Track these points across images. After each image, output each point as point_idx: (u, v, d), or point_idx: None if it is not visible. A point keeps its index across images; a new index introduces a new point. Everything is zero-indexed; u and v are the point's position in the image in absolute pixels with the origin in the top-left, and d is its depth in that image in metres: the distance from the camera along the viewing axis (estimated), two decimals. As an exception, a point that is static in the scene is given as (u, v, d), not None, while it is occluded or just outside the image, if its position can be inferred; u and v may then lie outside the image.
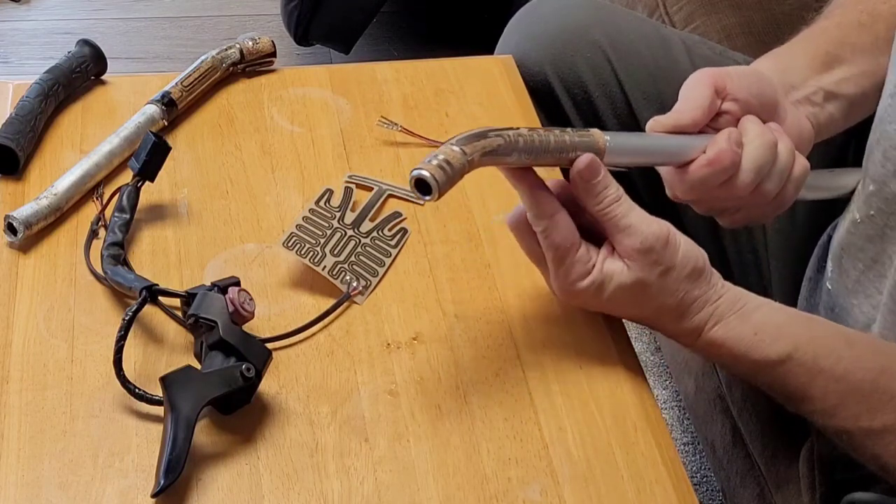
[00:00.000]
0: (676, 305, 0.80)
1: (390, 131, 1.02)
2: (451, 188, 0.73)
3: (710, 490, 1.53)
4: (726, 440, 1.26)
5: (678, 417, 1.62)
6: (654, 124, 0.86)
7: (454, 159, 0.73)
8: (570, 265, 0.79)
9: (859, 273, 0.90)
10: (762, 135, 0.84)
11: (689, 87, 0.87)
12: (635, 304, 0.81)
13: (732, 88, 0.86)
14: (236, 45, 1.07)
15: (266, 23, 2.28)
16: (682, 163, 0.84)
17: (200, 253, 0.91)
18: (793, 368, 0.79)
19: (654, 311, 0.81)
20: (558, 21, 1.12)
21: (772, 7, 1.44)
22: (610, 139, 0.80)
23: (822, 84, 0.90)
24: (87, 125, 1.01)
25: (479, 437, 0.79)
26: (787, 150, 0.85)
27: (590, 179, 0.78)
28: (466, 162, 0.73)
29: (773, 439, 1.13)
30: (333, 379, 0.82)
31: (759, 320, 0.80)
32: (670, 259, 0.78)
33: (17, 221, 0.89)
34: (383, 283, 0.89)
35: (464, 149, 0.73)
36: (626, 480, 0.77)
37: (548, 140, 0.77)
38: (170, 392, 0.75)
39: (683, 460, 1.35)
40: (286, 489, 0.75)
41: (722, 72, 0.87)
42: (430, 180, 0.72)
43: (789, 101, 0.89)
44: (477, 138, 0.74)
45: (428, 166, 0.72)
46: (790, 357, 0.79)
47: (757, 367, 0.80)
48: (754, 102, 0.86)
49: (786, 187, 0.86)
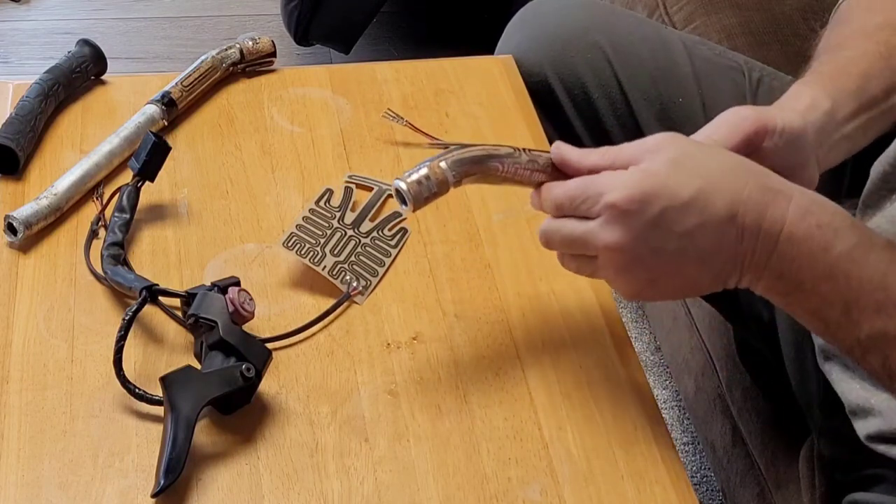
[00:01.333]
0: (739, 166, 0.72)
1: (391, 131, 1.02)
2: (429, 202, 0.75)
3: (710, 490, 1.53)
4: (726, 440, 1.27)
5: (678, 417, 1.62)
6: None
7: (436, 175, 0.74)
8: (601, 175, 0.72)
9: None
10: None
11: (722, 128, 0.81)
12: (698, 175, 0.70)
13: (768, 146, 0.81)
14: (236, 45, 1.07)
15: (266, 23, 2.27)
16: None
17: (200, 253, 0.91)
18: (871, 252, 0.71)
19: (723, 175, 0.71)
20: (558, 21, 1.13)
21: (772, 7, 1.44)
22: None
23: (845, 131, 0.87)
24: (87, 125, 1.01)
25: (479, 437, 0.79)
26: None
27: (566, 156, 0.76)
28: (451, 181, 0.74)
29: (773, 439, 1.13)
30: (333, 379, 0.82)
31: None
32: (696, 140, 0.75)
33: (17, 221, 0.89)
34: (383, 283, 0.90)
35: (451, 170, 0.74)
36: (626, 480, 0.77)
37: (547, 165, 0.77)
38: (170, 392, 0.75)
39: (683, 460, 1.35)
40: (286, 489, 0.75)
41: (765, 124, 0.81)
42: (406, 194, 0.74)
43: (816, 154, 0.85)
44: (472, 163, 0.75)
45: (406, 180, 0.74)
46: (893, 246, 0.71)
47: (859, 246, 0.70)
48: (778, 162, 0.81)
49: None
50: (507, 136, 1.02)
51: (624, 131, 1.10)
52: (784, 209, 0.70)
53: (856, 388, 0.87)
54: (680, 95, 1.10)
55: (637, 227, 0.71)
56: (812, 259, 0.71)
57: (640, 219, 0.70)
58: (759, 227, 0.71)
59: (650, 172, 0.71)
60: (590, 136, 1.11)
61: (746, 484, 1.19)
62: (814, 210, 0.71)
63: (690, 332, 1.38)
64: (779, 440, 1.11)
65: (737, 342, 1.17)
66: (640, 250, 0.72)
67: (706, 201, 0.70)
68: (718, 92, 1.09)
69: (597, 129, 1.11)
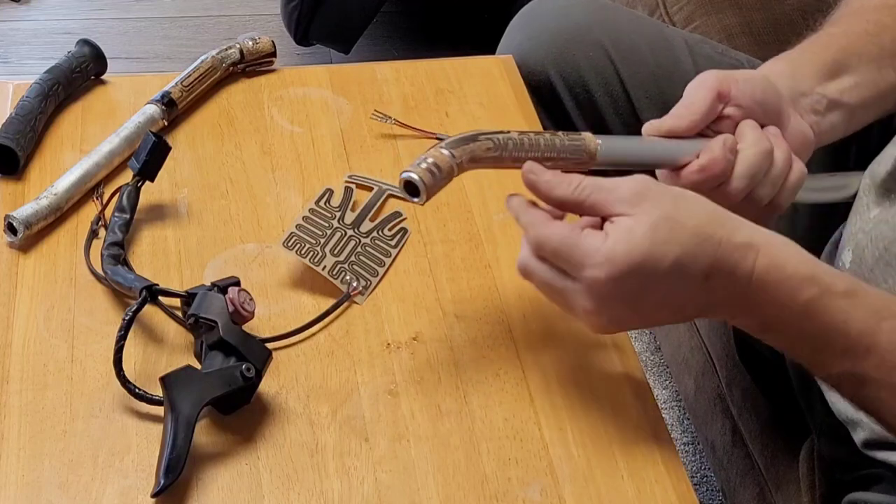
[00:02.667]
0: (713, 222, 0.72)
1: (391, 131, 1.02)
2: (439, 190, 0.75)
3: (710, 490, 1.53)
4: (726, 440, 1.26)
5: (678, 417, 1.62)
6: (649, 128, 0.85)
7: (442, 162, 0.74)
8: (580, 239, 0.71)
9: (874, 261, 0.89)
10: (758, 142, 0.83)
11: (692, 90, 0.86)
12: (675, 246, 0.71)
13: (736, 94, 0.85)
14: (236, 45, 1.07)
15: (266, 23, 2.27)
16: (676, 166, 0.83)
17: (200, 253, 0.91)
18: (859, 307, 0.72)
19: (697, 242, 0.71)
20: (560, 20, 1.13)
21: (772, 7, 1.44)
22: (601, 143, 0.80)
23: (826, 92, 0.89)
24: (87, 125, 1.01)
25: (479, 437, 0.79)
26: (783, 157, 0.84)
27: (536, 182, 0.74)
28: (455, 165, 0.75)
29: (773, 439, 1.13)
30: (333, 379, 0.82)
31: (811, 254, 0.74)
32: (671, 189, 0.74)
33: (17, 221, 0.89)
34: (383, 283, 0.89)
35: (452, 152, 0.75)
36: (626, 480, 0.77)
37: (537, 143, 0.77)
38: (170, 392, 0.75)
39: (683, 460, 1.35)
40: (286, 489, 0.75)
41: (728, 76, 0.86)
42: (419, 182, 0.74)
43: (795, 107, 0.88)
44: (466, 142, 0.75)
45: (416, 169, 0.74)
46: (855, 292, 0.72)
47: (823, 297, 0.71)
48: (757, 108, 0.85)
49: (780, 193, 0.85)
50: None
51: (626, 129, 1.10)
52: (752, 262, 0.72)
53: (843, 400, 0.88)
54: (682, 93, 1.10)
55: (616, 296, 0.72)
56: (779, 307, 0.73)
57: (619, 290, 0.72)
58: (730, 281, 0.73)
59: (631, 246, 0.71)
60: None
61: (746, 484, 1.19)
62: (779, 262, 0.72)
63: (690, 332, 1.38)
64: (779, 440, 1.11)
65: (737, 342, 1.17)
66: (617, 311, 0.74)
67: (682, 270, 0.72)
68: (720, 91, 1.09)
69: (599, 128, 1.11)
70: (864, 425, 0.89)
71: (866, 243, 0.90)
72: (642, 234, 0.71)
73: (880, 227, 0.89)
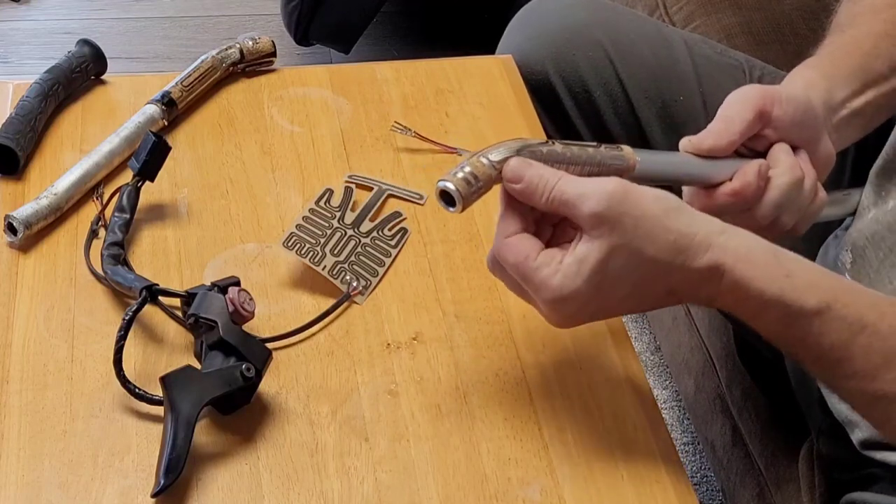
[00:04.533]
0: (673, 250, 0.71)
1: (392, 133, 1.02)
2: (476, 200, 0.73)
3: (710, 490, 1.53)
4: (726, 440, 1.27)
5: (678, 417, 1.62)
6: (688, 144, 0.83)
7: (480, 172, 0.72)
8: (534, 271, 0.72)
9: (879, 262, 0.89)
10: (791, 170, 0.82)
11: (733, 106, 0.83)
12: (629, 275, 0.71)
13: (778, 114, 0.83)
14: (236, 45, 1.07)
15: (266, 23, 2.27)
16: (708, 185, 0.82)
17: (200, 253, 0.91)
18: (832, 321, 0.71)
19: (655, 271, 0.71)
20: (560, 20, 1.13)
21: (771, 7, 1.44)
22: (640, 158, 0.78)
23: (853, 106, 0.88)
24: (87, 125, 1.01)
25: (479, 437, 0.79)
26: (810, 186, 0.83)
27: (517, 182, 0.73)
28: (494, 175, 0.72)
29: (773, 439, 1.13)
30: (333, 379, 0.82)
31: (790, 260, 0.72)
32: (637, 206, 0.71)
33: (17, 221, 0.89)
34: (383, 283, 0.89)
35: (493, 162, 0.73)
36: (626, 480, 0.77)
37: (578, 157, 0.75)
38: (170, 392, 0.75)
39: (683, 460, 1.35)
40: (286, 489, 0.75)
41: (771, 95, 0.83)
42: (454, 193, 0.71)
43: (825, 127, 0.86)
44: (508, 152, 0.73)
45: (452, 178, 0.72)
46: (829, 307, 0.71)
47: (789, 316, 0.71)
48: (794, 131, 0.84)
49: (802, 219, 0.84)
50: (507, 135, 1.01)
51: (625, 129, 1.10)
52: (716, 285, 0.72)
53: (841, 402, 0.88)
54: (681, 94, 1.10)
55: (572, 313, 0.73)
56: (746, 318, 0.74)
57: (574, 309, 0.73)
58: (694, 298, 0.74)
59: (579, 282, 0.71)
60: (591, 135, 1.11)
61: (746, 484, 1.19)
62: (744, 283, 0.71)
63: (690, 332, 1.38)
64: (779, 440, 1.11)
65: (737, 342, 1.17)
66: (575, 318, 0.75)
67: (640, 291, 0.73)
68: (719, 90, 1.09)
69: (598, 128, 1.11)
70: (862, 426, 0.89)
71: (865, 244, 0.90)
72: (593, 266, 0.70)
73: (875, 227, 0.89)
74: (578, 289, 0.71)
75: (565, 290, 0.71)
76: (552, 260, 0.72)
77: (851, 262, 0.92)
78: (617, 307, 0.74)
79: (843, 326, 0.71)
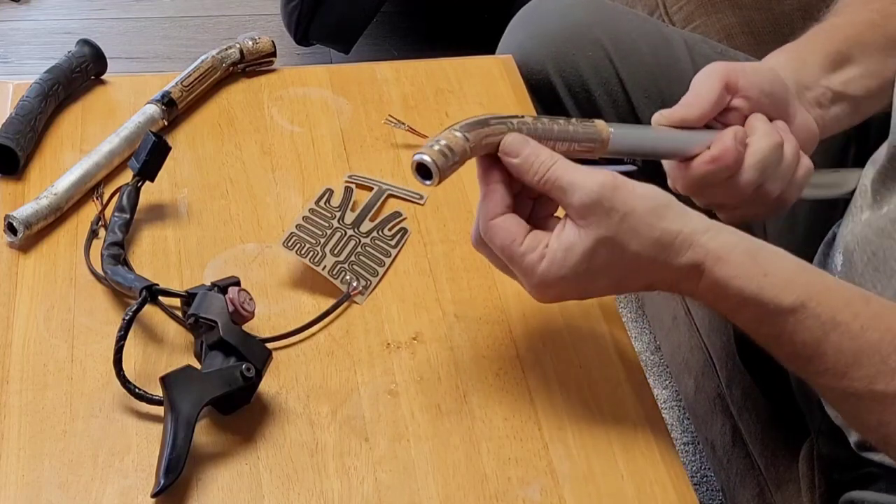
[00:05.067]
0: (656, 246, 0.73)
1: (391, 131, 1.02)
2: (451, 173, 0.74)
3: (710, 490, 1.53)
4: (726, 440, 1.27)
5: (678, 417, 1.62)
6: (659, 117, 0.85)
7: (455, 145, 0.73)
8: (521, 256, 0.74)
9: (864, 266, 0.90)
10: (768, 134, 0.83)
11: (700, 81, 0.85)
12: (612, 266, 0.74)
13: (744, 85, 0.85)
14: (236, 45, 1.07)
15: (266, 23, 2.27)
16: (686, 157, 0.83)
17: (200, 253, 0.91)
18: (806, 320, 0.72)
19: (637, 265, 0.74)
20: (560, 20, 1.13)
21: (772, 7, 1.44)
22: (614, 130, 0.80)
23: (830, 84, 0.89)
24: (87, 125, 1.01)
25: (479, 436, 0.79)
26: (792, 151, 0.84)
27: (514, 156, 0.74)
28: (468, 148, 0.73)
29: (773, 439, 1.13)
30: (333, 379, 0.82)
31: (768, 260, 0.74)
32: (625, 201, 0.72)
33: (17, 221, 0.89)
34: (383, 283, 0.89)
35: (466, 135, 0.74)
36: (626, 480, 0.77)
37: (551, 129, 0.77)
38: (170, 392, 0.75)
39: (683, 460, 1.35)
40: (286, 489, 0.75)
41: (735, 67, 0.85)
42: (431, 165, 0.72)
43: (800, 101, 0.88)
44: (480, 125, 0.74)
45: (429, 151, 0.73)
46: (804, 306, 0.72)
47: (765, 314, 0.73)
48: (765, 101, 0.85)
49: (788, 188, 0.85)
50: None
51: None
52: (695, 283, 0.74)
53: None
54: (681, 93, 1.09)
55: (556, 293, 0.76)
56: (724, 313, 0.76)
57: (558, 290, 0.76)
58: (673, 291, 0.77)
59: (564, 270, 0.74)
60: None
61: (746, 484, 1.19)
62: (723, 282, 0.73)
63: (690, 332, 1.38)
64: (779, 440, 1.11)
65: (737, 342, 1.17)
66: (560, 296, 0.77)
67: (621, 283, 0.76)
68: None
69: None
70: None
71: (854, 247, 0.90)
72: (578, 256, 0.73)
73: (865, 230, 0.89)
74: (564, 276, 0.74)
75: (550, 277, 0.74)
76: (538, 244, 0.74)
77: (842, 265, 0.92)
78: (599, 291, 0.77)
79: (817, 325, 0.73)
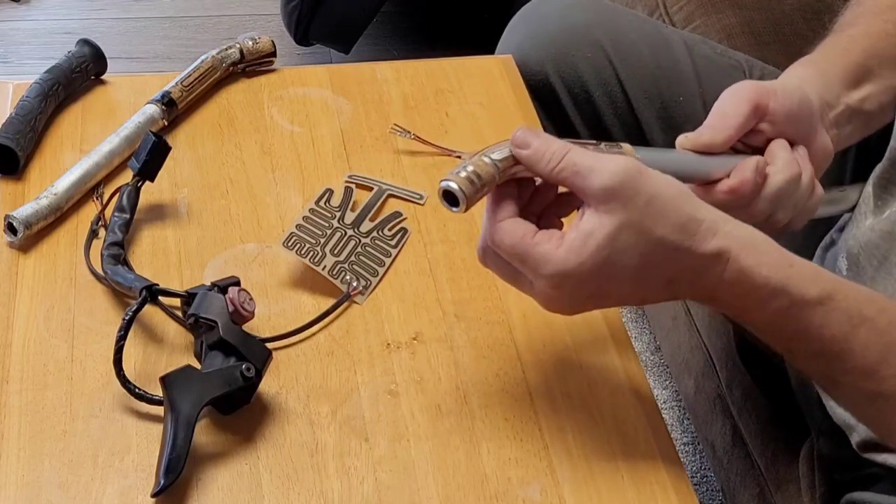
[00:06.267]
0: (682, 232, 0.70)
1: (393, 134, 1.02)
2: (479, 200, 0.72)
3: (710, 490, 1.53)
4: (726, 440, 1.27)
5: (678, 417, 1.62)
6: (685, 141, 0.83)
7: (483, 171, 0.72)
8: (535, 245, 0.70)
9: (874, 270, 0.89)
10: (788, 167, 0.82)
11: (728, 102, 0.83)
12: (634, 254, 0.70)
13: (774, 108, 0.83)
14: (236, 45, 1.07)
15: (266, 23, 2.27)
16: (706, 181, 0.82)
17: (200, 253, 0.91)
18: (833, 312, 0.70)
19: (662, 252, 0.70)
20: (559, 21, 1.13)
21: (772, 7, 1.44)
22: (640, 156, 0.77)
23: (850, 101, 0.88)
24: (87, 125, 1.01)
25: (479, 437, 0.79)
26: (808, 182, 0.83)
27: (525, 147, 0.72)
28: (497, 174, 0.72)
29: (773, 439, 1.13)
30: (333, 379, 0.82)
31: (790, 253, 0.72)
32: (650, 185, 0.70)
33: (17, 221, 0.89)
34: (383, 283, 0.89)
35: (495, 161, 0.72)
36: (626, 480, 0.77)
37: None
38: (170, 392, 0.75)
39: (683, 460, 1.35)
40: (286, 489, 0.75)
41: (766, 89, 0.83)
42: (458, 192, 0.71)
43: (822, 121, 0.86)
44: (507, 150, 0.73)
45: (455, 178, 0.71)
46: (831, 297, 0.70)
47: (792, 306, 0.70)
48: (791, 125, 0.84)
49: (798, 216, 0.84)
50: (506, 136, 1.01)
51: (625, 130, 1.10)
52: (720, 272, 0.71)
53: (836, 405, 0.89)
54: (680, 94, 1.10)
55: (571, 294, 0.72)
56: (748, 311, 0.73)
57: (574, 290, 0.71)
58: (695, 287, 0.72)
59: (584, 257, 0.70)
60: (590, 135, 1.11)
61: (746, 484, 1.19)
62: (749, 272, 0.70)
63: (690, 332, 1.37)
64: (779, 440, 1.11)
65: (737, 342, 1.17)
66: (574, 303, 0.73)
67: (642, 275, 0.71)
68: (719, 90, 1.08)
69: (597, 128, 1.11)
70: (860, 428, 0.89)
71: (858, 251, 0.90)
72: (600, 241, 0.69)
73: (870, 234, 0.89)
74: (583, 263, 0.69)
75: (569, 264, 0.70)
76: (552, 237, 0.71)
77: (847, 269, 0.92)
78: (615, 291, 0.72)
79: (844, 319, 0.71)
